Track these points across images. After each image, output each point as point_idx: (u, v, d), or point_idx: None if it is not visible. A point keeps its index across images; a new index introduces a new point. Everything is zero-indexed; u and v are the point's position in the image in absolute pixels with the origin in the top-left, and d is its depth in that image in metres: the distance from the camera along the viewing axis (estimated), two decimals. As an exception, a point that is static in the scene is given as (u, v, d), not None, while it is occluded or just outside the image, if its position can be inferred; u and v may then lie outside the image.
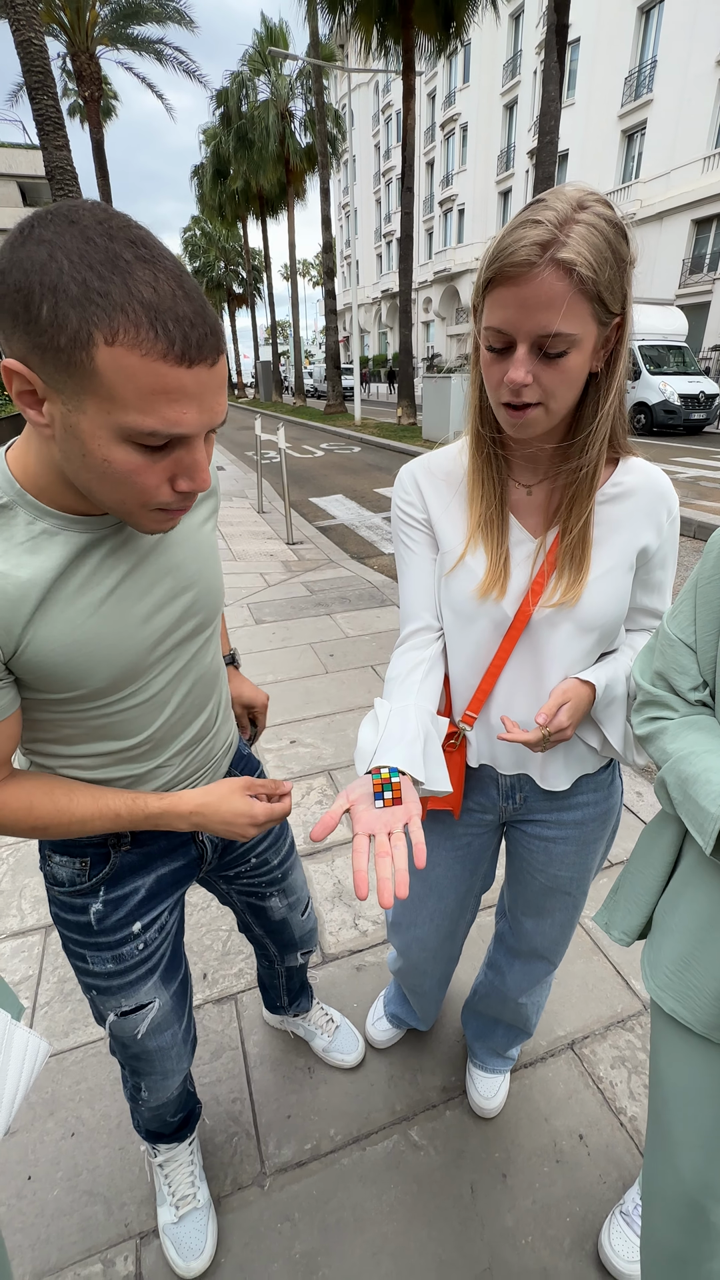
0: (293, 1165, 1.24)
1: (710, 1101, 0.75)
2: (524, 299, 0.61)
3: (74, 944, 0.85)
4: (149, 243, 0.47)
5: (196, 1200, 1.14)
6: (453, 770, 0.94)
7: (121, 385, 0.46)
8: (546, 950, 1.14)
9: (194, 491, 0.56)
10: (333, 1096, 1.36)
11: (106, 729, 0.71)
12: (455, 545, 0.84)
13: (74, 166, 7.72)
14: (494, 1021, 1.31)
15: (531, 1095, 1.35)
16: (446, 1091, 1.37)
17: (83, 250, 0.44)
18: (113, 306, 0.44)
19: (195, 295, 0.48)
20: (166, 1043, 0.95)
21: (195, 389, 0.48)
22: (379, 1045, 1.44)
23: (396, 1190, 1.20)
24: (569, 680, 0.83)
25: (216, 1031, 1.49)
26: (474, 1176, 1.22)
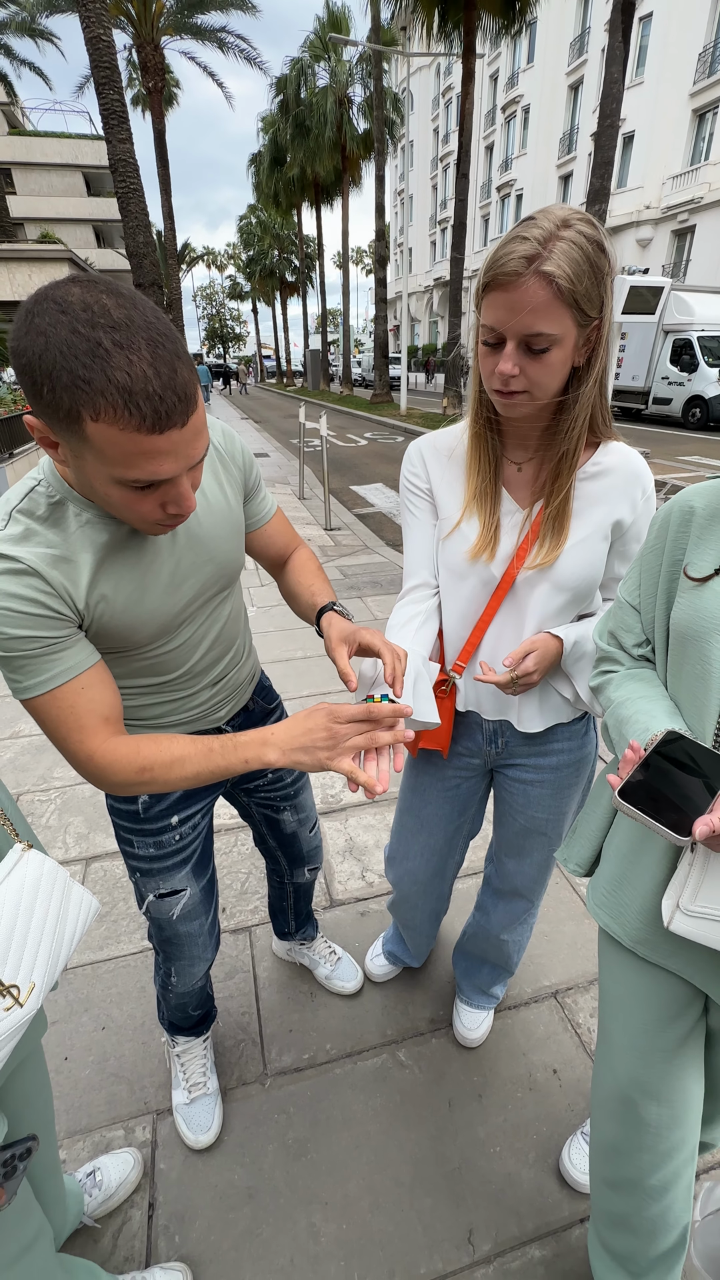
0: (291, 1070, 1.40)
1: (640, 1008, 0.85)
2: (512, 303, 0.72)
3: (124, 830, 1.02)
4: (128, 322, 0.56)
5: (207, 1088, 1.31)
6: (444, 714, 1.05)
7: (108, 449, 0.58)
8: (525, 889, 1.25)
9: (181, 513, 0.68)
10: (331, 1018, 1.51)
11: (148, 668, 0.87)
12: (452, 513, 0.95)
13: (135, 159, 8.00)
14: (480, 960, 1.43)
15: (512, 1032, 1.47)
16: (434, 1023, 1.50)
17: (70, 342, 0.54)
18: (95, 392, 0.55)
19: (166, 366, 0.56)
20: (195, 930, 1.12)
21: (169, 447, 0.60)
22: (376, 979, 1.58)
23: (382, 1098, 1.34)
24: (541, 634, 0.93)
25: (231, 956, 1.66)
26: (453, 1094, 1.35)
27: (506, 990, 1.53)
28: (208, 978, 1.27)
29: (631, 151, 21.41)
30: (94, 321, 0.55)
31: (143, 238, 8.26)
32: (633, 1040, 0.87)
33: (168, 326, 0.59)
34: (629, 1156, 0.92)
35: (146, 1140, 1.28)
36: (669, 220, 20.61)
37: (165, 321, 0.59)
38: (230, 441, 0.93)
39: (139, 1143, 1.28)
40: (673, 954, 0.80)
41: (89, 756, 0.72)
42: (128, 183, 8.03)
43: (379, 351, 19.21)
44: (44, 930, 0.61)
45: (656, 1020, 0.85)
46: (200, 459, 0.66)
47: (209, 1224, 1.16)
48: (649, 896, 0.79)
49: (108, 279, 0.60)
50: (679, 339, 12.47)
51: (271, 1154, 1.25)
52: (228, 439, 0.93)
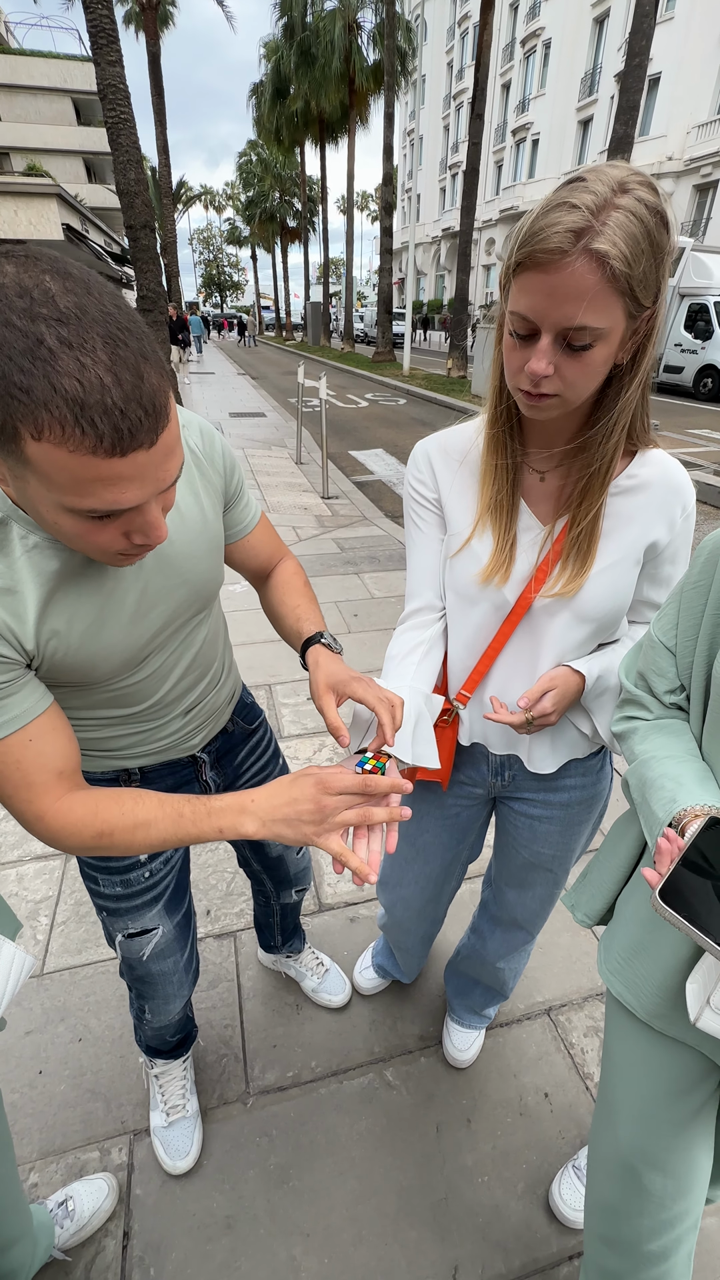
0: (274, 1089, 1.35)
1: (648, 1079, 0.79)
2: (553, 288, 0.59)
3: (88, 867, 0.94)
4: (79, 312, 0.44)
5: (186, 1110, 1.26)
6: (444, 745, 0.97)
7: (55, 474, 0.47)
8: (526, 921, 1.19)
9: (149, 543, 0.56)
10: (317, 1033, 1.46)
11: (111, 700, 0.77)
12: (463, 528, 0.85)
13: (126, 84, 7.42)
14: (473, 981, 1.38)
15: (504, 1052, 1.43)
16: (423, 1040, 1.45)
17: (5, 338, 0.43)
18: (35, 404, 0.43)
19: (129, 372, 0.45)
20: (169, 969, 1.05)
21: (132, 472, 0.48)
22: (364, 992, 1.53)
23: (368, 1122, 1.30)
24: (560, 668, 0.84)
25: (215, 964, 1.61)
26: (441, 1118, 1.31)
27: (499, 1008, 1.48)
28: (186, 1006, 1.21)
29: (656, 95, 20.22)
30: (33, 312, 0.43)
31: (134, 174, 7.73)
32: (640, 1110, 0.81)
33: (130, 318, 0.47)
34: (627, 1220, 0.87)
35: (123, 1163, 1.24)
36: (691, 174, 19.66)
37: (127, 311, 0.48)
38: (210, 443, 0.81)
39: (115, 1165, 1.24)
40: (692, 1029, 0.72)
41: (38, 817, 0.64)
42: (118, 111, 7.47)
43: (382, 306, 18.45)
44: None
45: (668, 1093, 0.78)
46: (173, 482, 0.54)
47: (185, 1255, 1.12)
48: (671, 973, 0.71)
49: (52, 254, 0.47)
50: (695, 303, 11.99)
51: (252, 1180, 1.21)
52: (206, 440, 0.80)
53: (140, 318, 0.49)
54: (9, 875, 1.84)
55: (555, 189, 0.61)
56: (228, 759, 1.04)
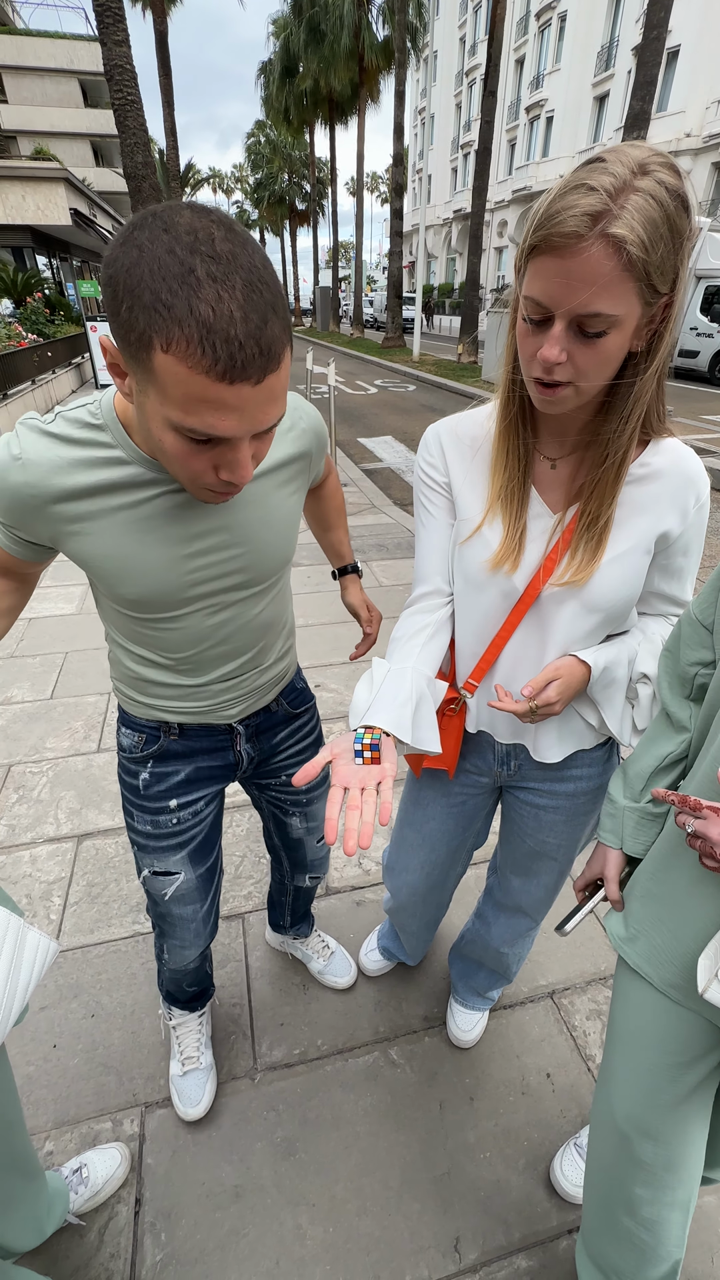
0: (281, 1065, 1.38)
1: (651, 1048, 0.80)
2: (567, 272, 0.58)
3: (126, 801, 1.03)
4: (230, 257, 0.51)
5: (199, 1063, 1.32)
6: (451, 733, 0.98)
7: (171, 387, 0.53)
8: (530, 908, 1.19)
9: (235, 483, 0.61)
10: (323, 1013, 1.49)
11: (148, 638, 0.84)
12: (474, 514, 0.84)
13: (133, 65, 7.33)
14: (477, 965, 1.40)
15: (507, 1033, 1.45)
16: (428, 1020, 1.47)
17: (163, 261, 0.49)
18: (173, 320, 0.49)
19: (257, 314, 0.51)
20: (188, 915, 1.11)
21: (236, 403, 0.53)
22: (370, 973, 1.55)
23: (372, 1098, 1.33)
24: (566, 658, 0.84)
25: (224, 944, 1.63)
26: (444, 1096, 1.33)
27: (503, 990, 1.50)
28: (205, 959, 1.27)
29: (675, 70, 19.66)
30: (195, 247, 0.50)
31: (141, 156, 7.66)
32: (638, 1080, 0.83)
33: (273, 278, 0.54)
34: (622, 1185, 0.89)
35: (134, 1134, 1.28)
36: (710, 151, 19.14)
37: (272, 273, 0.54)
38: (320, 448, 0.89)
39: (127, 1136, 1.28)
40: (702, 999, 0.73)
41: None
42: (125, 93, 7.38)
43: (392, 291, 18.19)
44: None
45: (670, 1065, 0.80)
46: (269, 428, 0.59)
47: (195, 1222, 1.16)
48: (693, 944, 0.72)
49: (225, 213, 0.54)
50: (712, 286, 11.74)
51: (260, 1152, 1.25)
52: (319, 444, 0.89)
53: (280, 283, 0.55)
54: (23, 857, 1.88)
55: (574, 170, 0.60)
56: (265, 736, 1.07)
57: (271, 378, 0.54)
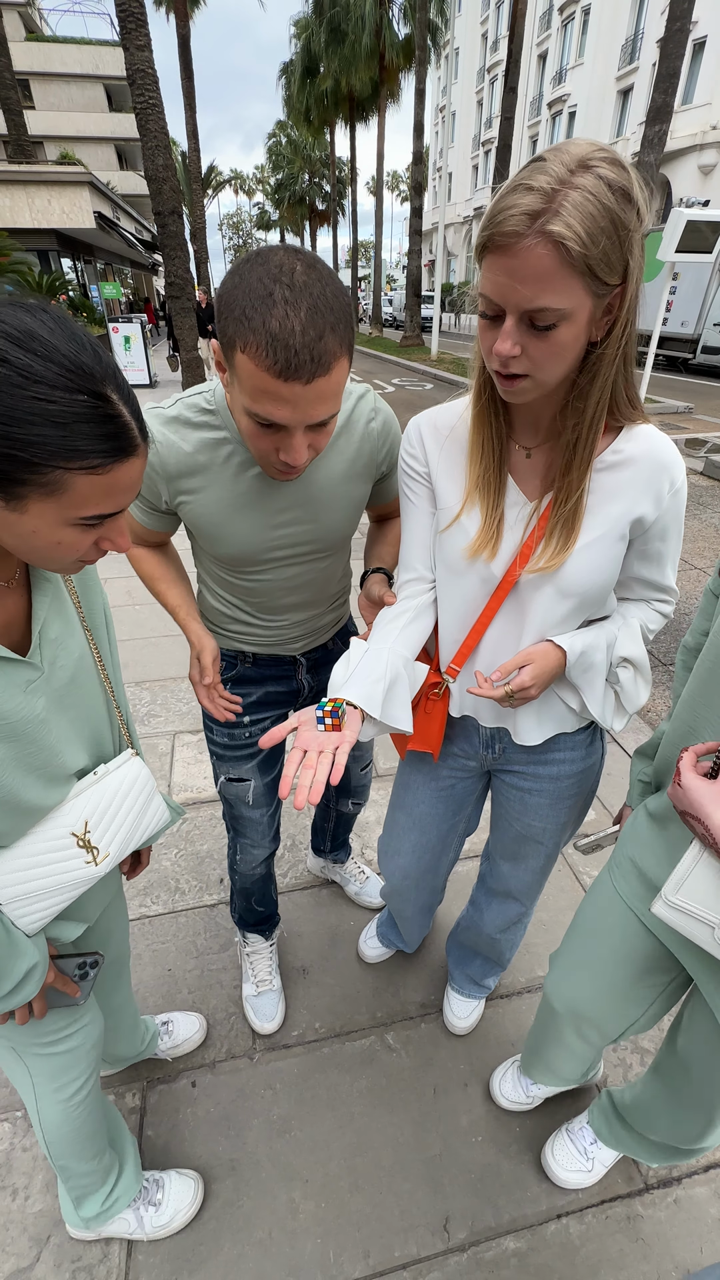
0: (280, 1047, 1.41)
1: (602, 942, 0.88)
2: (512, 270, 0.61)
3: (207, 717, 1.21)
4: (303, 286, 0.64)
5: (272, 984, 1.48)
6: (436, 717, 1.00)
7: (245, 380, 0.68)
8: (519, 892, 1.21)
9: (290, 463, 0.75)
10: (322, 997, 1.51)
11: (236, 586, 1.04)
12: (452, 503, 0.86)
13: (155, 69, 7.41)
14: (472, 952, 1.41)
15: (503, 1022, 1.46)
16: (424, 1007, 1.49)
17: (253, 287, 0.64)
18: (250, 329, 0.64)
19: (315, 330, 0.64)
20: (256, 818, 1.30)
21: (289, 397, 0.67)
22: (369, 960, 1.58)
23: (368, 1081, 1.35)
24: (540, 643, 0.85)
25: (226, 929, 1.67)
26: (438, 1081, 1.35)
27: (499, 979, 1.52)
28: (269, 877, 1.43)
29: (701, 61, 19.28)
30: (277, 277, 0.64)
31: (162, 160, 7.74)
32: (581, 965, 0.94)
33: (340, 303, 0.67)
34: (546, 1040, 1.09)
35: (136, 1106, 1.32)
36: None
37: (343, 299, 0.67)
38: (385, 432, 0.97)
39: (129, 1108, 1.31)
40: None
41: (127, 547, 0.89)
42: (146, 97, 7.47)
43: (411, 289, 18.13)
44: (127, 819, 0.78)
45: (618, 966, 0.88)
46: (321, 423, 0.73)
47: (191, 1193, 1.19)
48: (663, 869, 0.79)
49: (316, 256, 0.69)
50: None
51: (256, 1128, 1.28)
52: (384, 428, 0.97)
53: (351, 311, 0.68)
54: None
55: (519, 170, 0.62)
56: (324, 669, 1.23)
57: (321, 380, 0.67)
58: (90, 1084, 0.92)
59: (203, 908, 1.73)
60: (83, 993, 0.81)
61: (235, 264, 0.69)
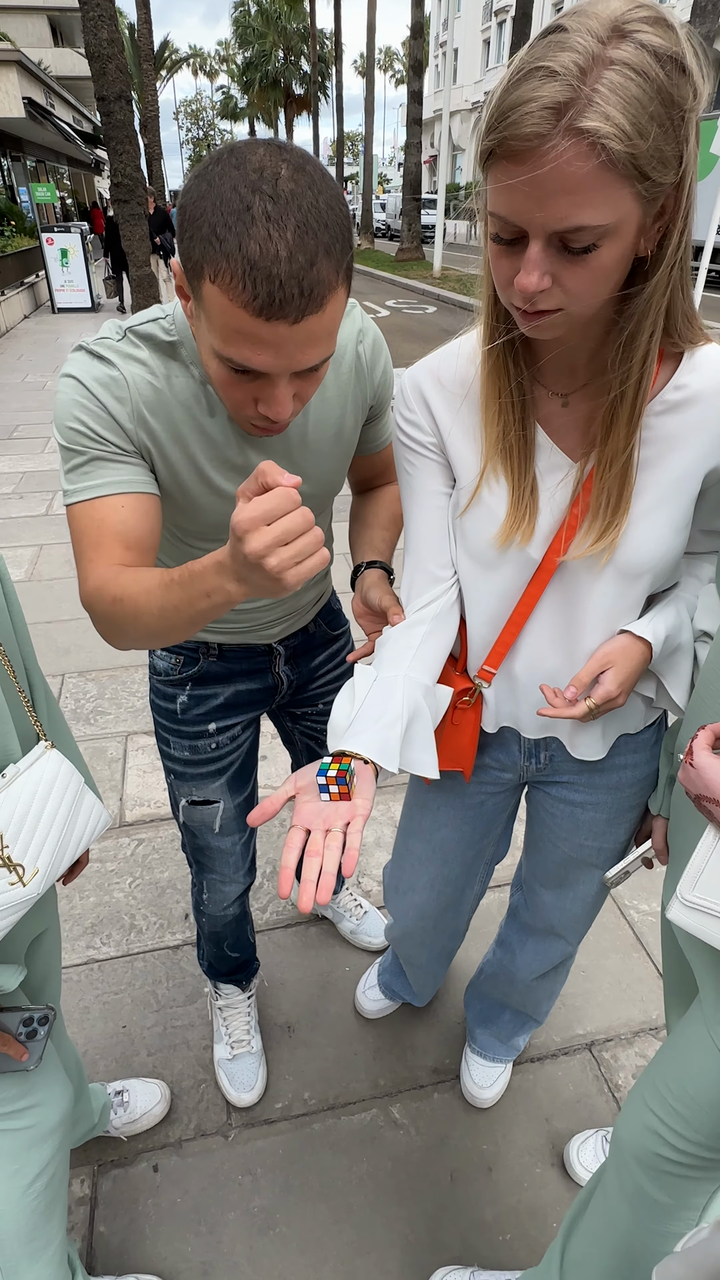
0: (260, 1122, 1.37)
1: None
2: (534, 182, 0.55)
3: (162, 729, 1.17)
4: (290, 197, 0.60)
5: (250, 1046, 1.45)
6: (466, 729, 0.96)
7: (214, 315, 0.64)
8: (564, 928, 1.17)
9: (272, 419, 0.71)
10: (311, 1060, 1.47)
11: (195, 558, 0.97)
12: (470, 478, 0.82)
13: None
14: (500, 1005, 1.37)
15: (534, 1092, 1.42)
16: (438, 1073, 1.45)
17: (226, 197, 0.60)
18: (222, 253, 0.60)
19: (305, 255, 0.60)
20: (227, 847, 1.26)
21: (271, 339, 0.63)
22: (369, 1015, 1.55)
23: (368, 1164, 1.31)
24: (618, 638, 0.82)
25: (194, 975, 1.63)
26: (456, 1164, 1.31)
27: (530, 1037, 1.48)
28: (245, 913, 1.41)
29: None
30: (257, 185, 0.60)
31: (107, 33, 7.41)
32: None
33: (337, 216, 0.63)
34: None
35: (85, 1196, 1.27)
36: None
37: (340, 211, 0.63)
38: (376, 356, 0.95)
39: (76, 1198, 1.27)
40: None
41: (85, 578, 0.78)
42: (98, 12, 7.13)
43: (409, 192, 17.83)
44: (53, 824, 0.77)
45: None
46: (310, 370, 0.69)
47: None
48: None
49: (306, 153, 0.65)
50: None
51: (233, 1224, 1.24)
52: (374, 352, 0.95)
53: (350, 227, 0.64)
54: None
55: (529, 45, 0.55)
56: (304, 658, 1.22)
57: (312, 319, 0.63)
58: (54, 1171, 0.89)
59: (164, 949, 1.70)
60: (32, 1056, 0.81)
61: (202, 165, 0.65)
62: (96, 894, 1.84)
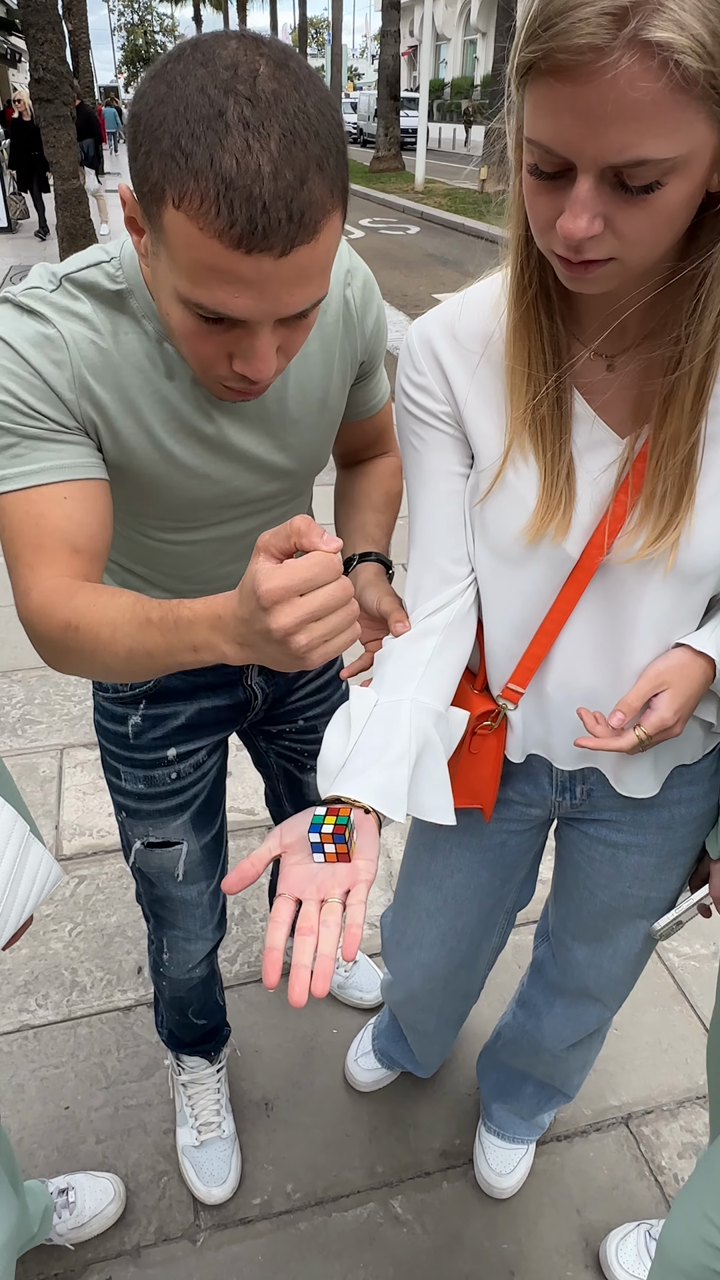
0: (235, 1222, 1.36)
1: None
2: (588, 107, 0.53)
3: (111, 757, 1.14)
4: (272, 99, 0.58)
5: (221, 1130, 1.43)
6: (487, 760, 0.95)
7: (180, 250, 0.61)
8: (601, 989, 1.17)
9: (251, 379, 0.69)
10: (294, 1144, 1.45)
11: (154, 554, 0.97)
12: (492, 457, 0.81)
13: None
14: (521, 1077, 1.36)
15: (562, 1177, 1.42)
16: (447, 1157, 1.44)
17: (192, 102, 0.57)
18: (189, 170, 0.57)
19: (293, 172, 0.58)
20: (192, 897, 1.23)
21: (253, 277, 0.60)
22: (362, 1087, 1.54)
23: (366, 1271, 1.30)
24: (671, 654, 0.82)
25: (150, 1043, 1.60)
26: (472, 1268, 1.30)
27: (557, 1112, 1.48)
28: (213, 977, 1.38)
29: None
30: (231, 86, 0.57)
31: None
32: None
33: (330, 125, 0.61)
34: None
35: None
36: None
37: (331, 116, 0.61)
38: (368, 300, 0.94)
39: None
40: None
41: (27, 590, 0.75)
42: None
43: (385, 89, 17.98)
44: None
45: None
46: (299, 315, 0.67)
47: None
48: None
49: (287, 46, 0.63)
50: None
51: (203, 1351, 1.21)
52: (366, 295, 0.94)
53: (344, 135, 0.63)
54: None
55: None
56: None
57: (303, 250, 0.60)
58: None
59: (113, 1011, 1.67)
60: None
61: (158, 64, 0.62)
62: (30, 944, 1.79)
